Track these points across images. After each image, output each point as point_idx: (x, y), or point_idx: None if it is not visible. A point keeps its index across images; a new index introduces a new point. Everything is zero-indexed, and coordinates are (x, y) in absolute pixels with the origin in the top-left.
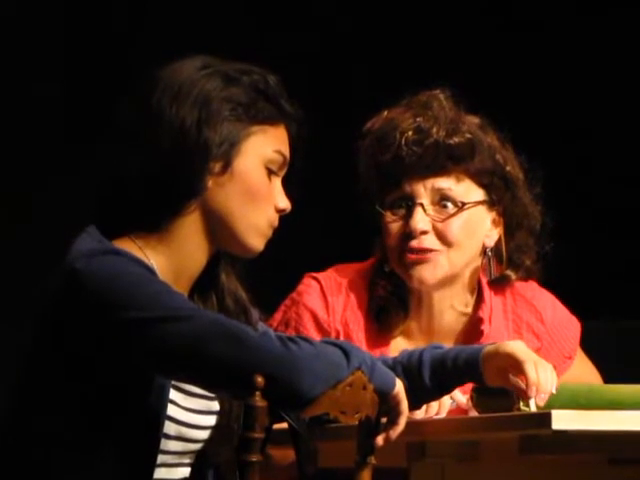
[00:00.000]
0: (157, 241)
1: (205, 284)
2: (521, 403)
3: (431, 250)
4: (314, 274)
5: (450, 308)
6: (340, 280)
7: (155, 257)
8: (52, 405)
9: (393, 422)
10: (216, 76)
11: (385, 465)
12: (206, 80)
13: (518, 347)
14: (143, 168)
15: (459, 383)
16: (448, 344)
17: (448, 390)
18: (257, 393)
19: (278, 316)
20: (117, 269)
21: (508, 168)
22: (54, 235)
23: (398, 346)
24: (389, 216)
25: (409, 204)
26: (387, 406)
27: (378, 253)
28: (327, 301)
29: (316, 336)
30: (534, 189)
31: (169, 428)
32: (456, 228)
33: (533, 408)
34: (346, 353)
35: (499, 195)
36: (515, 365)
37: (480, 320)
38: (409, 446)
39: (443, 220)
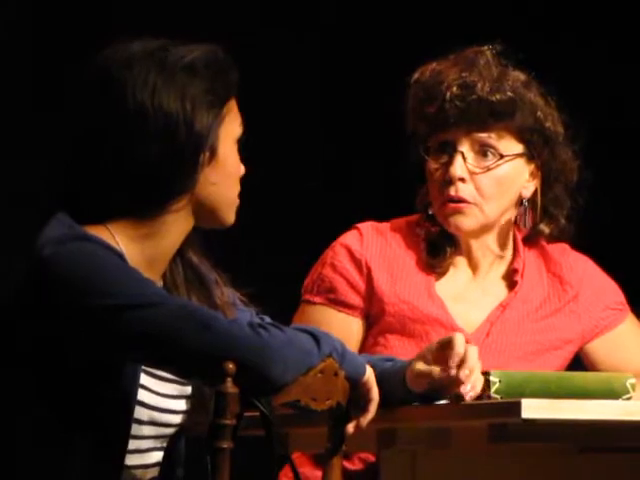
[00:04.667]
0: (135, 230)
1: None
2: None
3: (467, 202)
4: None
5: (488, 251)
6: (379, 226)
7: (128, 244)
8: (20, 395)
9: (364, 409)
10: (183, 65)
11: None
12: (179, 71)
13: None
14: (127, 168)
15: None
16: (490, 286)
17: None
18: (228, 380)
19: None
20: (86, 255)
21: (548, 124)
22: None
23: (446, 281)
24: (432, 163)
25: (450, 151)
26: (358, 393)
27: (423, 197)
28: (362, 239)
29: (350, 267)
30: (575, 145)
31: (141, 413)
32: (493, 182)
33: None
34: (317, 340)
35: (538, 150)
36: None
37: (515, 271)
38: (380, 433)
39: (482, 172)
